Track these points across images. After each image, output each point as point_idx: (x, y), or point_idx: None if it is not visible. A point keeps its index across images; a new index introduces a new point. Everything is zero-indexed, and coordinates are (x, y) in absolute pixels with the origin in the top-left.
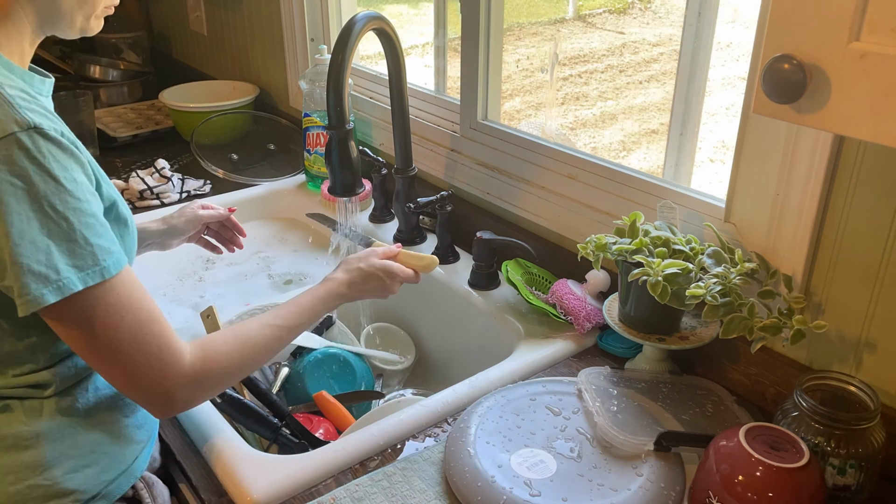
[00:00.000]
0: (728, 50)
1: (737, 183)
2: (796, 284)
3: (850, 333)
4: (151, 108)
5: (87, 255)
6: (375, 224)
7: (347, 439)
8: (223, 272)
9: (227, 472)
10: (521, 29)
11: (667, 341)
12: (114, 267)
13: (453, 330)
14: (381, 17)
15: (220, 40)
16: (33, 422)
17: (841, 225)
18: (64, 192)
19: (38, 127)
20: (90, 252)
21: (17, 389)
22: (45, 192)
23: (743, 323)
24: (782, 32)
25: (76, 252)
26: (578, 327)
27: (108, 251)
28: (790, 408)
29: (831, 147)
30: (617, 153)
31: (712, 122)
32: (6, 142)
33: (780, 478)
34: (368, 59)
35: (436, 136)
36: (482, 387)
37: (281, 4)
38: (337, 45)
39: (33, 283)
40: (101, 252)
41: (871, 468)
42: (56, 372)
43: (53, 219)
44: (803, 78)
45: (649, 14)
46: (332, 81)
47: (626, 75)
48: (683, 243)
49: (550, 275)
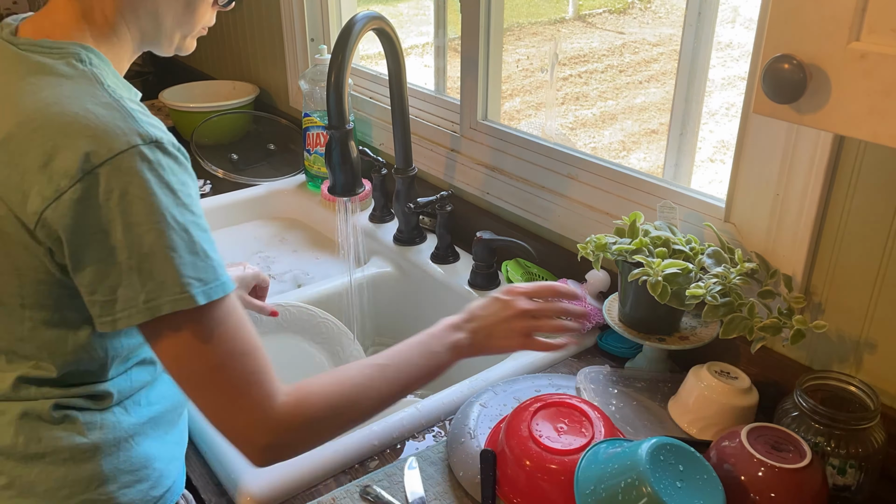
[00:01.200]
0: (728, 50)
1: (737, 183)
2: (796, 284)
3: (850, 333)
4: (151, 108)
5: (209, 270)
6: (375, 224)
7: (347, 439)
8: None
9: (226, 472)
10: (521, 29)
11: (667, 341)
12: (230, 284)
13: None
14: (380, 17)
15: (220, 40)
16: (91, 434)
17: (841, 225)
18: (183, 205)
19: (159, 141)
20: (211, 266)
21: (77, 400)
22: (167, 205)
23: (743, 323)
24: (782, 32)
25: (198, 266)
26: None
27: (223, 267)
28: (790, 408)
29: (831, 147)
30: (617, 153)
31: (712, 122)
32: (130, 154)
33: (783, 478)
34: (368, 59)
35: (436, 136)
36: (481, 387)
37: (281, 4)
38: (337, 45)
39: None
40: (220, 267)
41: (872, 468)
42: (116, 384)
43: (176, 230)
44: (803, 78)
45: (649, 14)
46: (332, 81)
47: (626, 75)
48: (683, 243)
49: (550, 275)
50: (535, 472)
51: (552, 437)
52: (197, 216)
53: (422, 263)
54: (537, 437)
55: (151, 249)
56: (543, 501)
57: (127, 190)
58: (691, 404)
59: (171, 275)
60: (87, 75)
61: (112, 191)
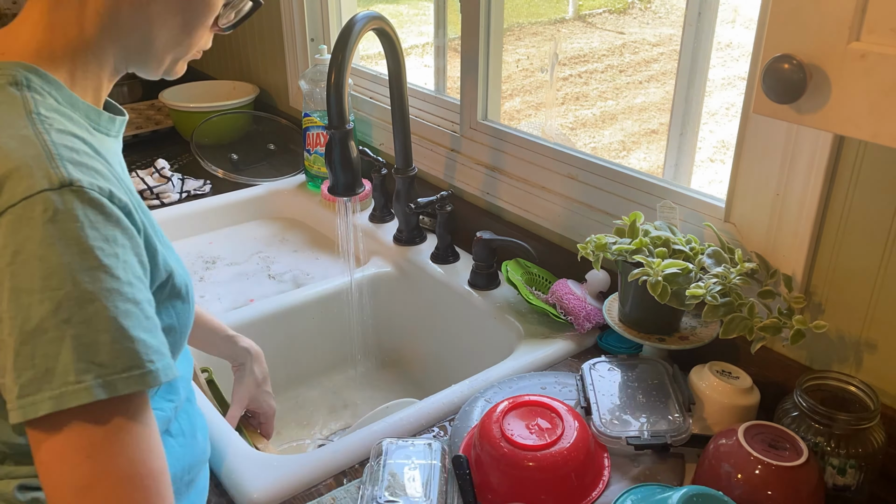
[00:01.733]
0: (728, 50)
1: (737, 183)
2: (796, 284)
3: (850, 333)
4: (151, 108)
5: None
6: (375, 224)
7: (348, 439)
8: (224, 272)
9: (227, 472)
10: (521, 29)
11: (667, 341)
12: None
13: (453, 330)
14: (380, 17)
15: (220, 40)
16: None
17: (841, 225)
18: (97, 268)
19: (77, 185)
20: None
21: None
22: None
23: (743, 323)
24: (782, 32)
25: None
26: (578, 327)
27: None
28: (790, 407)
29: (831, 147)
30: (617, 153)
31: (712, 121)
32: (31, 203)
33: (779, 476)
34: (368, 59)
35: (436, 135)
36: (482, 387)
37: (281, 4)
38: (337, 44)
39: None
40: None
41: (872, 468)
42: None
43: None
44: (803, 78)
45: (649, 14)
46: (332, 81)
47: (626, 75)
48: (683, 243)
49: (550, 275)
50: (508, 470)
51: (524, 435)
52: (120, 281)
53: (422, 263)
54: (509, 435)
55: (41, 325)
56: (520, 498)
57: (22, 247)
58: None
59: (62, 360)
60: (15, 101)
61: (5, 247)
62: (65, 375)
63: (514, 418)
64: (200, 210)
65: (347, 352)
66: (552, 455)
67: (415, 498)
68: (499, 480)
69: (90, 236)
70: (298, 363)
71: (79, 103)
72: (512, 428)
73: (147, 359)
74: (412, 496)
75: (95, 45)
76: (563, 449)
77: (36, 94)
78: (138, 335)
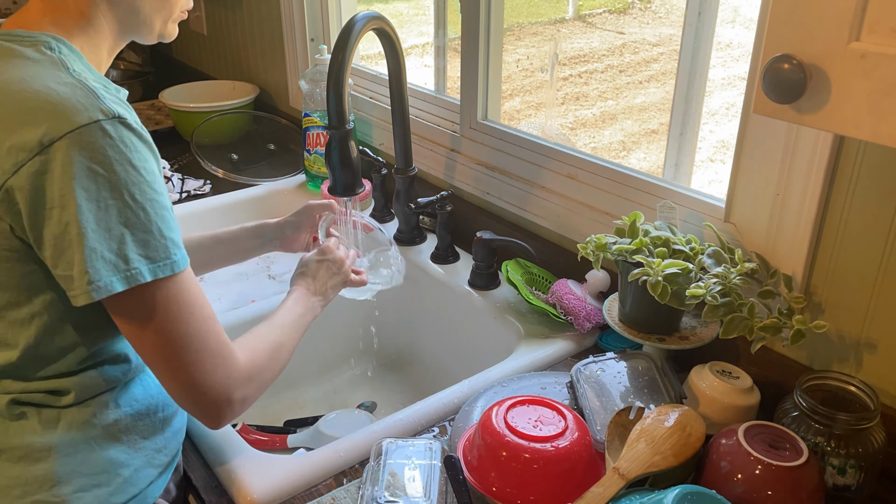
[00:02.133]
0: (728, 50)
1: (737, 183)
2: (796, 284)
3: (850, 333)
4: (151, 108)
5: (160, 248)
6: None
7: (347, 440)
8: (224, 272)
9: (227, 472)
10: (521, 29)
11: (667, 341)
12: (182, 262)
13: (453, 330)
14: (380, 16)
15: (220, 40)
16: (48, 433)
17: (841, 225)
18: (144, 182)
19: (122, 117)
20: (163, 245)
21: (36, 395)
22: (127, 181)
23: (743, 323)
24: (782, 32)
25: (150, 243)
26: (578, 327)
27: (178, 245)
28: (790, 407)
29: (831, 147)
30: (617, 153)
31: (712, 122)
32: (91, 129)
33: (779, 476)
34: (368, 59)
35: (436, 135)
36: (482, 387)
37: (281, 4)
38: (337, 44)
39: (104, 270)
40: (173, 246)
41: (872, 468)
42: (78, 381)
43: (132, 208)
44: (803, 78)
45: (649, 14)
46: (333, 81)
47: (626, 75)
48: (683, 243)
49: (550, 275)
50: (510, 462)
51: (527, 428)
52: (158, 193)
53: (422, 263)
54: (513, 426)
55: (106, 226)
56: (523, 490)
57: (85, 164)
58: (693, 404)
59: (121, 253)
60: (54, 60)
61: (70, 164)
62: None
63: (518, 413)
64: (200, 210)
65: (347, 352)
66: (557, 448)
67: (415, 498)
68: (501, 472)
69: (135, 158)
70: (298, 363)
71: (94, 71)
72: (516, 421)
73: (173, 252)
74: (412, 496)
75: (93, 19)
76: (568, 443)
77: (66, 57)
78: (169, 234)
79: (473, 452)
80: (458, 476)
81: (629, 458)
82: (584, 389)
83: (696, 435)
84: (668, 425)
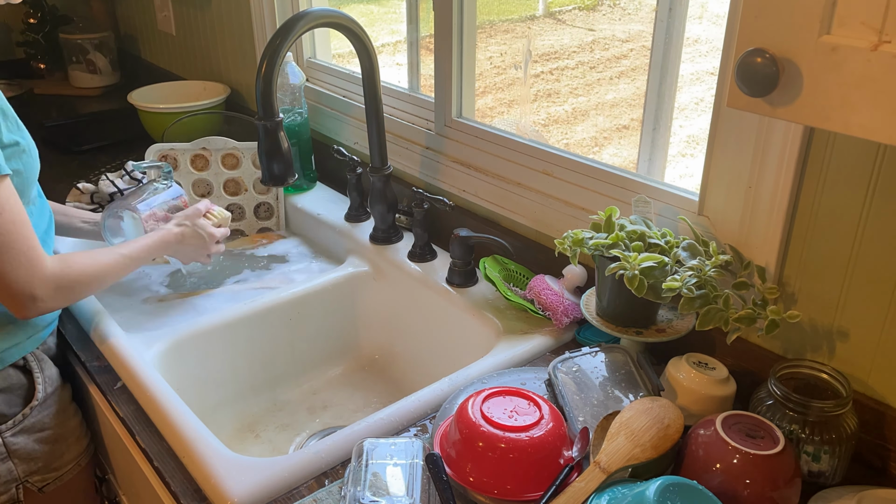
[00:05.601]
0: (696, 45)
1: (709, 176)
2: (770, 275)
3: (822, 322)
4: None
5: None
6: (352, 223)
7: (327, 441)
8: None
9: (205, 475)
10: (493, 26)
11: (644, 334)
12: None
13: (432, 328)
14: (333, 13)
15: (188, 40)
16: None
17: (812, 216)
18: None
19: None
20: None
21: None
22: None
23: (718, 314)
24: (755, 27)
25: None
26: (556, 322)
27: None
28: (765, 396)
29: (801, 140)
30: (589, 149)
31: (682, 117)
32: None
33: (757, 464)
34: (341, 58)
35: (411, 134)
36: (462, 383)
37: (251, 3)
38: (273, 37)
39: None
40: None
41: (844, 453)
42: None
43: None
44: (776, 71)
45: (618, 10)
46: (262, 73)
47: (597, 71)
48: (659, 237)
49: (528, 271)
50: (486, 452)
51: (503, 419)
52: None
53: (399, 262)
54: (489, 417)
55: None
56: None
57: None
58: (671, 395)
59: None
60: None
61: None
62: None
63: (494, 404)
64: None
65: (326, 352)
66: (532, 438)
67: (398, 497)
68: (477, 462)
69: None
70: (276, 365)
71: None
72: (492, 412)
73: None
74: (395, 495)
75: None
76: (543, 432)
77: None
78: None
79: (450, 443)
80: (440, 474)
81: (609, 451)
82: (562, 386)
83: (675, 426)
84: (646, 418)
